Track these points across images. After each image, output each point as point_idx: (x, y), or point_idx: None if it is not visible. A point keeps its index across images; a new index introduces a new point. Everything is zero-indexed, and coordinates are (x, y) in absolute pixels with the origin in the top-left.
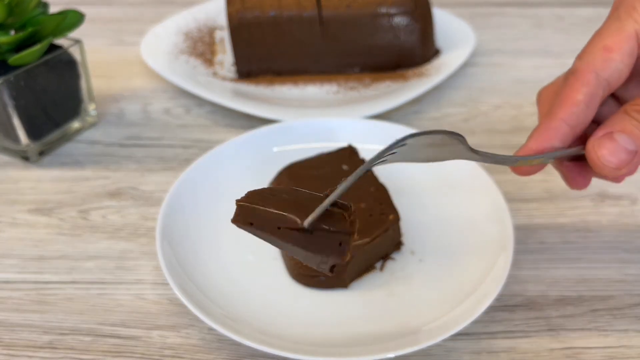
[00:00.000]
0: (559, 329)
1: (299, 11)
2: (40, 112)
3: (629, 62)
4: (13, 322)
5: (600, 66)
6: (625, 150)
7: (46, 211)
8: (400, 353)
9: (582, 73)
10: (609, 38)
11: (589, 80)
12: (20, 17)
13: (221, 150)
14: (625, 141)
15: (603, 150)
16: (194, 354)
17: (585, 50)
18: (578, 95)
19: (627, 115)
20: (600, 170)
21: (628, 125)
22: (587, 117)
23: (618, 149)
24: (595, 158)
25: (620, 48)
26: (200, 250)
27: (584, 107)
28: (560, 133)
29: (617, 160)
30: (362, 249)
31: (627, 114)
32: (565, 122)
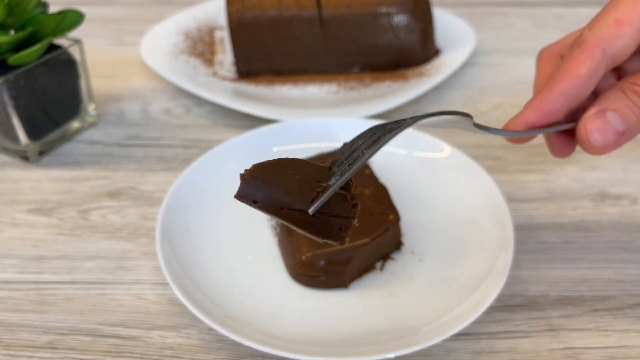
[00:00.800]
0: (559, 329)
1: (299, 11)
2: (40, 112)
3: (639, 37)
4: (13, 322)
5: (608, 40)
6: (615, 131)
7: (46, 211)
8: (401, 353)
9: (589, 45)
10: (622, 10)
11: (594, 55)
12: (20, 17)
13: (221, 150)
14: (617, 122)
15: (594, 132)
16: (193, 354)
17: (597, 20)
18: (581, 69)
19: (623, 94)
20: (587, 148)
21: (622, 105)
22: (586, 91)
23: (608, 129)
24: (584, 136)
25: (632, 23)
26: (200, 250)
27: (585, 81)
28: (558, 106)
29: (605, 140)
30: (362, 249)
31: (623, 93)
32: (564, 96)
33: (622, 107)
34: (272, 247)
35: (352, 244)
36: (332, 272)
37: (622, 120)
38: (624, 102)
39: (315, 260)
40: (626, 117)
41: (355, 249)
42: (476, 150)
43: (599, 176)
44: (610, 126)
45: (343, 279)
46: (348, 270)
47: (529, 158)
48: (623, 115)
